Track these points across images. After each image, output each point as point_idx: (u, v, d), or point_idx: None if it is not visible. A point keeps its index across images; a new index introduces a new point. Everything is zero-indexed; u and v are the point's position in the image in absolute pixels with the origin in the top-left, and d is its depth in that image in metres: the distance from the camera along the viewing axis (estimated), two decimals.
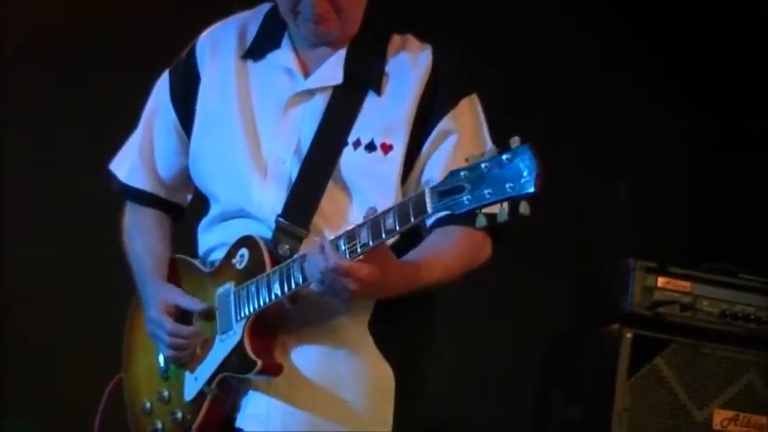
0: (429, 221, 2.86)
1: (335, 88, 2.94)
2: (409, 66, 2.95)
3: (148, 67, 4.74)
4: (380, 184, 2.87)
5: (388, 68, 2.95)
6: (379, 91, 2.93)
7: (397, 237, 2.69)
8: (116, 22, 4.78)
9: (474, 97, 2.97)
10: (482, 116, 2.98)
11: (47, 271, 4.67)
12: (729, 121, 5.05)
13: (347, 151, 2.90)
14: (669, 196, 5.08)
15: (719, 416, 4.39)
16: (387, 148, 2.89)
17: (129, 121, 4.72)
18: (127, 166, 3.18)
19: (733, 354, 4.40)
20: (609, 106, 5.06)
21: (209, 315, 2.97)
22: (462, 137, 2.91)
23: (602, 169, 5.04)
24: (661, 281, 4.41)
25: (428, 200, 2.55)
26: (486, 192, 2.46)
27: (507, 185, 2.43)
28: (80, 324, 4.66)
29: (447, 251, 2.87)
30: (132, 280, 4.62)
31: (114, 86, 4.75)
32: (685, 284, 4.43)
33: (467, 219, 2.55)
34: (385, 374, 2.93)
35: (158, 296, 3.05)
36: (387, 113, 2.91)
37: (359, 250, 2.66)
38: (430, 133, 2.91)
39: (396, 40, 3.00)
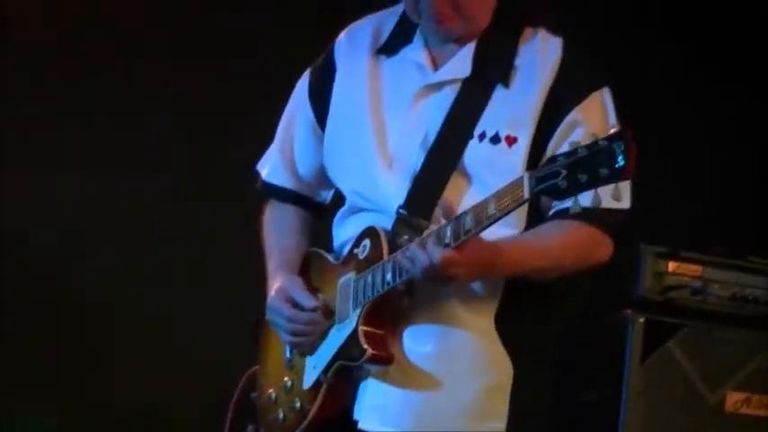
0: (551, 212, 2.89)
1: (464, 81, 2.95)
2: (539, 58, 2.95)
3: (149, 66, 4.80)
4: (504, 175, 2.81)
5: (517, 61, 2.95)
6: (507, 83, 2.93)
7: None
8: (116, 21, 4.81)
9: (604, 90, 2.96)
10: (611, 111, 2.95)
11: (48, 271, 4.71)
12: (739, 106, 5.06)
13: (472, 144, 2.91)
14: (677, 181, 5.08)
15: (732, 398, 4.40)
16: (511, 141, 2.90)
17: (129, 120, 4.78)
18: (269, 165, 3.24)
19: (744, 336, 4.40)
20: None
21: (325, 309, 2.99)
22: (589, 130, 2.85)
23: None
24: (672, 265, 4.42)
25: (526, 184, 2.58)
26: (580, 177, 2.49)
27: (601, 170, 2.47)
28: (80, 323, 4.70)
29: (554, 242, 2.88)
30: (131, 279, 4.70)
31: (114, 86, 4.78)
32: (696, 268, 4.43)
33: (583, 216, 2.64)
34: (503, 368, 2.93)
35: (279, 285, 3.08)
36: (513, 106, 2.92)
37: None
38: (557, 126, 2.90)
39: (528, 32, 2.99)
